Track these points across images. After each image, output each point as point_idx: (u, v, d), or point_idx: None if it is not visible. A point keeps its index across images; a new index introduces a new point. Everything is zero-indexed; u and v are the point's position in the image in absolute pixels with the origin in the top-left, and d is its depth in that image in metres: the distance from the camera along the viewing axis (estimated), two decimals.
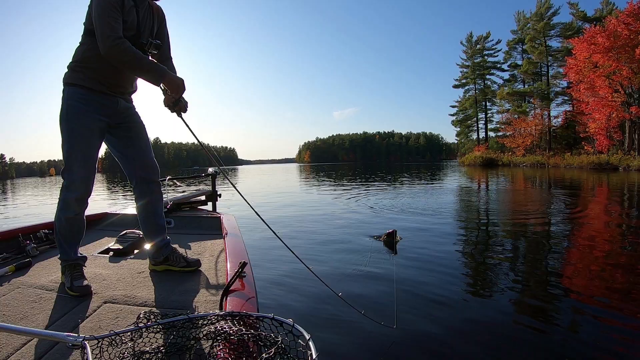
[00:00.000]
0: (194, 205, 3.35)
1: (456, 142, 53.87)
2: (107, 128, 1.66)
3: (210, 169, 3.26)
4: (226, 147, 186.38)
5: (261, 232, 4.38)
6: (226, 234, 2.14)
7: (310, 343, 0.85)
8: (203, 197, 3.52)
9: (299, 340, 0.88)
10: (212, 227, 2.62)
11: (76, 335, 0.88)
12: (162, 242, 1.76)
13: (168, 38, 1.79)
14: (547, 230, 4.74)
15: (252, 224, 4.52)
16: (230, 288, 1.25)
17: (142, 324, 0.96)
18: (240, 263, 1.31)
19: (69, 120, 1.54)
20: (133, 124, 1.74)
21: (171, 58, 1.82)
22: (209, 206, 3.53)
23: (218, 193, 3.55)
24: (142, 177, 1.73)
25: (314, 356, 0.82)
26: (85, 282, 1.51)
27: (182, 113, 1.66)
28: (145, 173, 1.74)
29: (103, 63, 1.52)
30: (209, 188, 3.68)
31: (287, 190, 12.44)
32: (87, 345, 0.86)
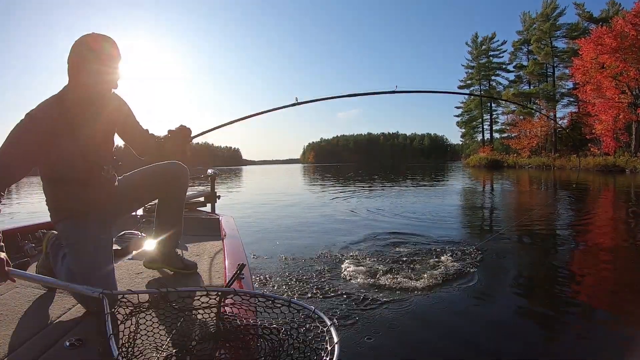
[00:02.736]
0: (192, 206, 3.35)
1: (461, 143, 53.62)
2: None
3: (210, 170, 3.27)
4: (230, 147, 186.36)
5: (260, 234, 4.38)
6: (225, 235, 2.12)
7: (332, 329, 0.84)
8: (202, 199, 3.52)
9: (321, 327, 0.88)
10: (211, 229, 2.60)
11: (94, 288, 1.02)
12: (178, 235, 1.73)
13: (133, 116, 1.66)
14: (554, 234, 4.69)
15: (251, 226, 4.51)
16: None
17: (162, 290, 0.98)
18: (238, 265, 1.30)
19: (78, 255, 1.38)
20: (123, 191, 1.61)
21: (139, 125, 1.70)
22: (207, 207, 3.53)
23: (217, 194, 3.55)
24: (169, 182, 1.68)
25: (335, 341, 0.81)
26: None
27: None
28: (171, 181, 1.67)
29: (66, 187, 1.42)
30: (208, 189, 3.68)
31: (294, 192, 12.43)
32: (105, 299, 0.96)
